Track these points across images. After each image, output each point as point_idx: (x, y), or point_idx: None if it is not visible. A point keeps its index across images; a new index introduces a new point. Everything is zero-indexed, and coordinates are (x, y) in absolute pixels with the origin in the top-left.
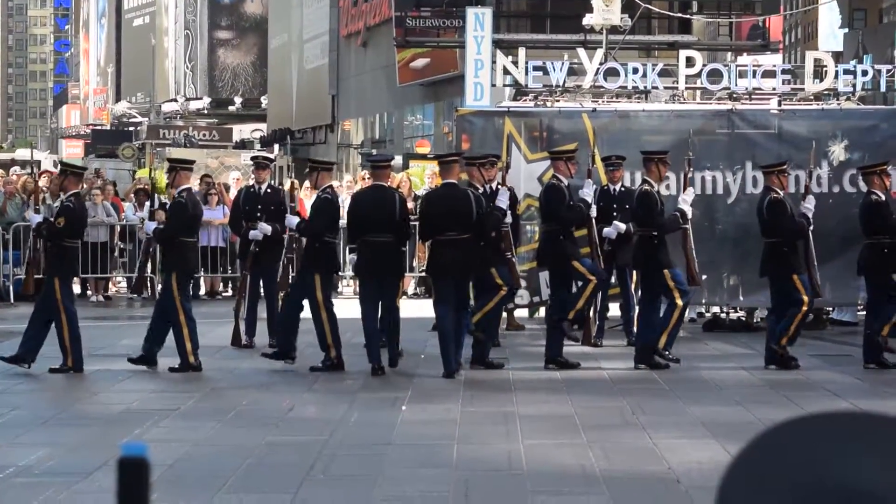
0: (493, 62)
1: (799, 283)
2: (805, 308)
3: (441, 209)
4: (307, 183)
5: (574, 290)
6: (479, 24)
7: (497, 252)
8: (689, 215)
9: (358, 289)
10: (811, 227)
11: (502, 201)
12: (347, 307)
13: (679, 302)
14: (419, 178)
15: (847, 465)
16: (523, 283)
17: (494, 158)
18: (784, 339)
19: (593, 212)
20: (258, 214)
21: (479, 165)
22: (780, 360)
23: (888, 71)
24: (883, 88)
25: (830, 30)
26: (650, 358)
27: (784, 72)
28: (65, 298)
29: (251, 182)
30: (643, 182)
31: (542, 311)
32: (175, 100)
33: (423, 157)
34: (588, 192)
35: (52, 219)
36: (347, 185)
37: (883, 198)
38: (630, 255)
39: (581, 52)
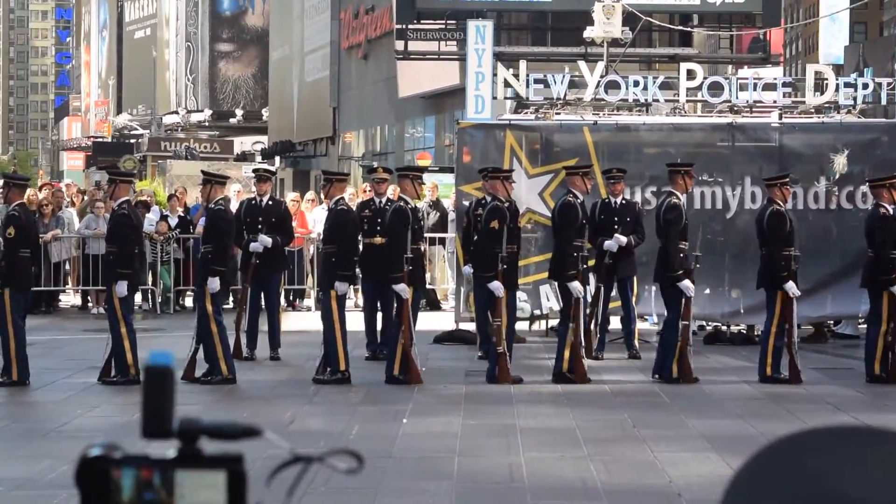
0: (495, 75)
1: (780, 300)
2: (774, 328)
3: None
4: (309, 195)
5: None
6: (480, 37)
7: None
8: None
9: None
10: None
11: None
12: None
13: (679, 324)
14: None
15: (849, 478)
16: (524, 295)
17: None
18: (768, 357)
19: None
20: (259, 227)
21: (503, 179)
22: (775, 380)
23: (889, 84)
24: (884, 101)
25: (831, 38)
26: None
27: (785, 85)
28: (14, 311)
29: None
30: (669, 194)
31: (542, 324)
32: (176, 112)
33: (425, 169)
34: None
35: None
36: (350, 197)
37: (891, 211)
38: (631, 269)
39: (582, 64)
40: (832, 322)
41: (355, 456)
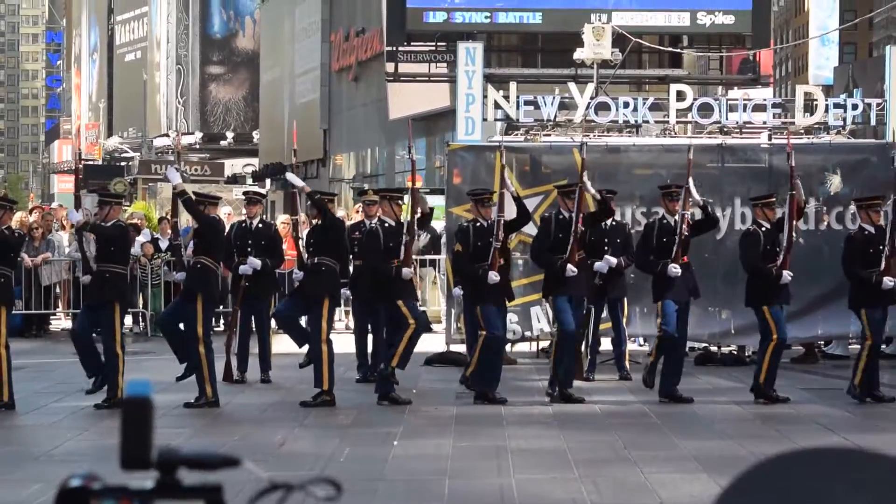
0: (485, 96)
1: (770, 316)
2: (773, 344)
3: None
4: (302, 217)
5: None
6: (470, 59)
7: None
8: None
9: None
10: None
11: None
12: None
13: (658, 342)
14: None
15: (836, 499)
16: (515, 317)
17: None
18: (761, 376)
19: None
20: (249, 249)
21: (479, 202)
22: (766, 397)
23: (878, 104)
24: (873, 122)
25: (821, 59)
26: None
27: (774, 105)
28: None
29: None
30: (654, 213)
31: (534, 345)
32: (167, 135)
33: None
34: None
35: None
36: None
37: (873, 231)
38: (621, 290)
39: (572, 86)
40: (823, 342)
41: (333, 484)
